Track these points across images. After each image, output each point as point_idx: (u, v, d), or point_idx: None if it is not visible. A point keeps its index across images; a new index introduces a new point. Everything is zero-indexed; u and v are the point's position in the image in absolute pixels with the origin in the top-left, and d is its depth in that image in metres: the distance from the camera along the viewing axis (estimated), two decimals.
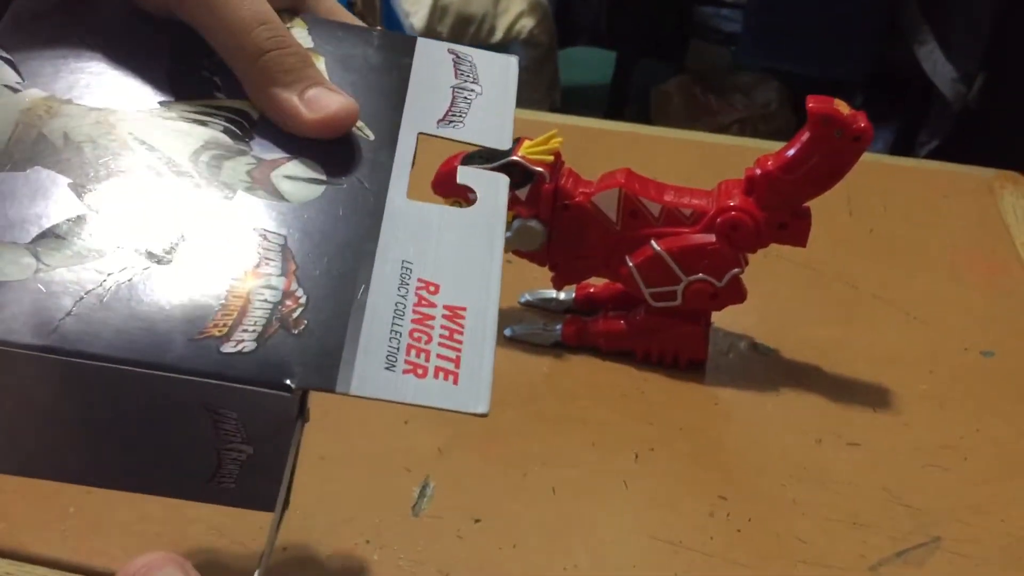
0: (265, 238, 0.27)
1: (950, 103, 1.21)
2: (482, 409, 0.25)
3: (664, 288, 0.50)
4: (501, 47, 1.57)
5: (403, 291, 0.27)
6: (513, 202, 0.50)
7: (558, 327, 0.53)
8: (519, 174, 0.49)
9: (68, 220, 0.27)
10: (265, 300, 0.26)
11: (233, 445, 0.26)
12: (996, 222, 0.71)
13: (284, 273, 0.27)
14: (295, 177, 0.29)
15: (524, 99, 1.48)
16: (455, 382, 0.25)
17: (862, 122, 0.46)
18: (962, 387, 0.52)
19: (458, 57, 0.34)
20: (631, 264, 0.50)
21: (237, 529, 0.41)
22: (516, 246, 0.51)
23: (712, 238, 0.49)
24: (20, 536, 0.40)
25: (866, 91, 1.48)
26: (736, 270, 0.49)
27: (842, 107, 0.46)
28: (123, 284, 0.26)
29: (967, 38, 1.21)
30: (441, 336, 0.26)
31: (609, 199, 0.50)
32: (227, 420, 0.25)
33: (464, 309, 0.27)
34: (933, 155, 1.29)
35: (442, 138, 0.31)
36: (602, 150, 0.79)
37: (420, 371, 0.25)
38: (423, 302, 0.27)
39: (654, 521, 0.42)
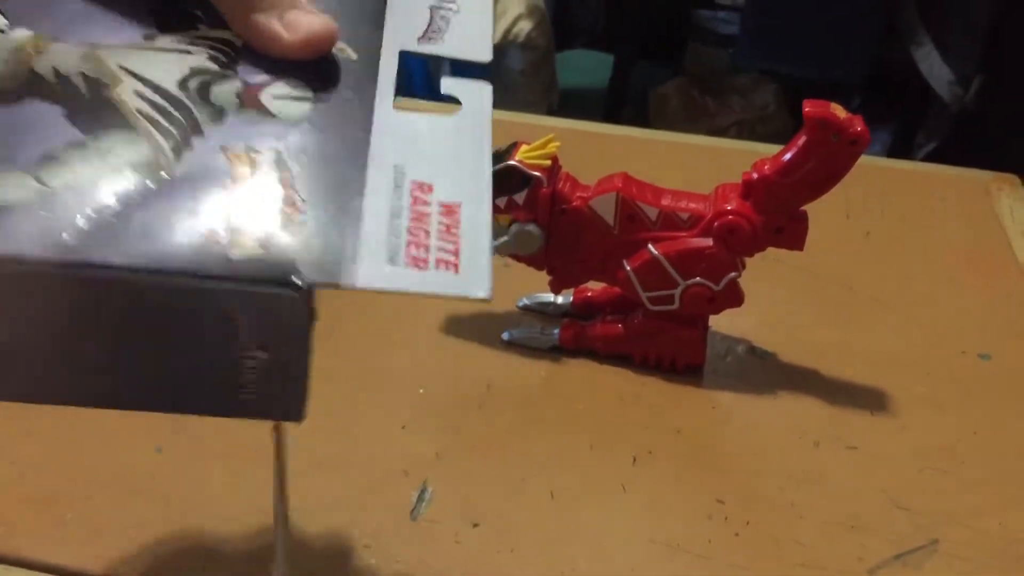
0: (259, 151, 0.28)
1: (947, 105, 1.22)
2: (483, 294, 0.26)
3: (661, 292, 0.50)
4: (498, 50, 1.57)
5: (398, 193, 0.28)
6: (510, 206, 0.50)
7: (555, 331, 0.53)
8: (516, 178, 0.49)
9: (66, 145, 0.27)
10: (265, 207, 0.27)
11: (248, 352, 0.26)
12: (993, 224, 0.71)
13: (280, 182, 0.28)
14: (284, 96, 0.30)
15: (521, 102, 1.50)
16: (456, 271, 0.26)
17: (859, 126, 0.46)
18: (960, 390, 0.52)
19: None
20: (628, 268, 0.50)
21: (237, 534, 0.41)
22: (514, 250, 0.51)
23: (709, 242, 0.49)
24: (17, 541, 0.40)
25: (864, 93, 1.48)
26: (733, 274, 0.49)
27: (839, 111, 0.46)
28: (127, 201, 0.26)
29: (964, 40, 1.21)
30: (439, 231, 0.27)
31: (606, 203, 0.50)
32: (240, 326, 0.26)
33: (459, 205, 0.28)
34: (931, 157, 1.30)
35: (423, 54, 0.32)
36: (600, 153, 0.79)
37: (421, 263, 0.26)
38: (419, 201, 0.28)
39: (652, 524, 0.42)
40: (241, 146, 0.28)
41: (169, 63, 0.30)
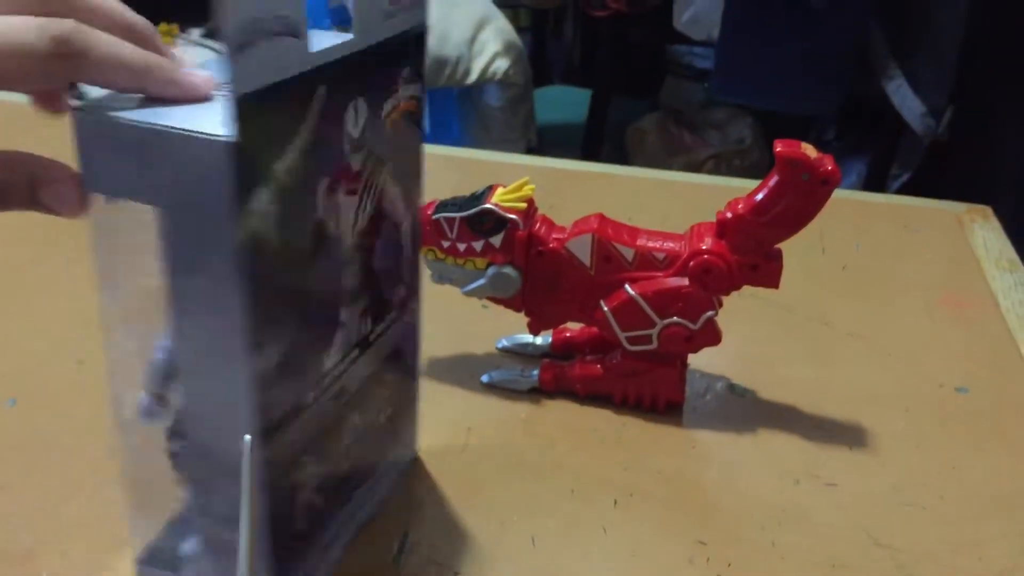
0: None
1: (920, 136, 1.23)
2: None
3: (639, 332, 0.50)
4: (477, 88, 1.58)
5: None
6: (487, 249, 0.50)
7: (535, 372, 0.53)
8: (492, 221, 0.49)
9: None
10: None
11: None
12: (967, 256, 0.72)
13: None
14: None
15: (500, 138, 1.51)
16: None
17: (829, 165, 0.46)
18: (937, 424, 0.53)
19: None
20: (606, 308, 0.50)
21: None
22: (491, 293, 0.51)
23: (685, 281, 0.49)
24: None
25: (839, 124, 1.50)
26: (710, 312, 0.49)
27: (809, 151, 0.47)
28: None
29: (934, 73, 1.23)
30: None
31: (583, 245, 0.50)
32: None
33: None
34: (906, 187, 1.31)
35: None
36: (578, 191, 0.79)
37: None
38: None
39: (634, 568, 0.42)
40: None
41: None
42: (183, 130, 0.28)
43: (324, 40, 0.32)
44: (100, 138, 0.29)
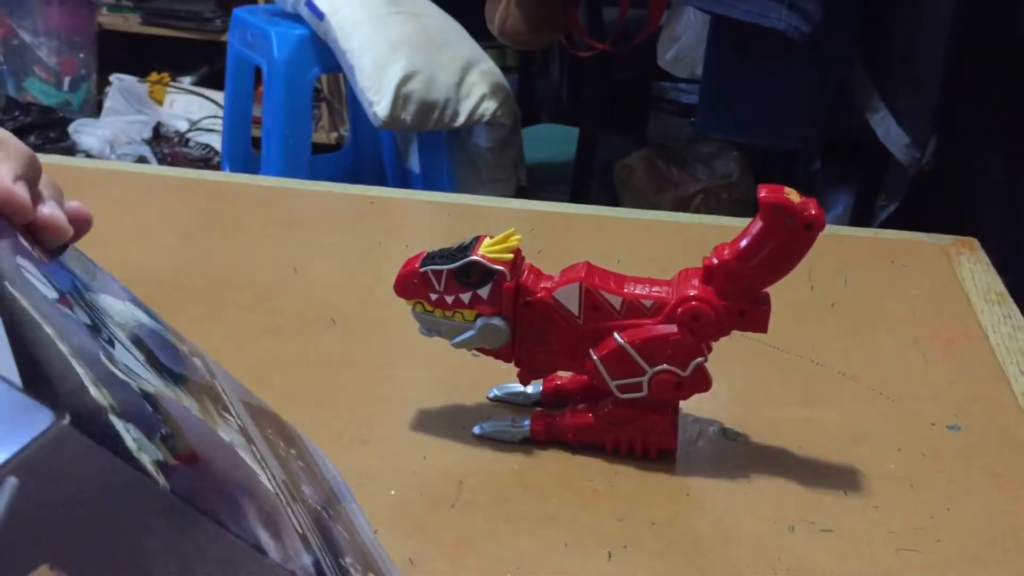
0: None
1: (906, 168, 1.24)
2: None
3: (629, 380, 0.50)
4: (465, 130, 1.59)
5: None
6: (475, 301, 0.50)
7: (526, 423, 0.53)
8: (479, 273, 0.50)
9: None
10: None
11: None
12: (955, 290, 0.72)
13: None
14: None
15: (490, 179, 1.51)
16: None
17: (813, 209, 0.47)
18: (931, 464, 0.52)
19: None
20: (596, 357, 0.50)
21: None
22: (480, 344, 0.51)
23: (674, 328, 0.49)
24: None
25: (825, 156, 1.51)
26: (700, 359, 0.49)
27: (792, 195, 0.47)
28: None
29: (917, 104, 1.24)
30: None
31: (570, 294, 0.50)
32: None
33: None
34: (893, 218, 1.32)
35: None
36: (567, 234, 0.79)
37: None
38: None
39: None
40: None
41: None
42: None
43: None
44: None
